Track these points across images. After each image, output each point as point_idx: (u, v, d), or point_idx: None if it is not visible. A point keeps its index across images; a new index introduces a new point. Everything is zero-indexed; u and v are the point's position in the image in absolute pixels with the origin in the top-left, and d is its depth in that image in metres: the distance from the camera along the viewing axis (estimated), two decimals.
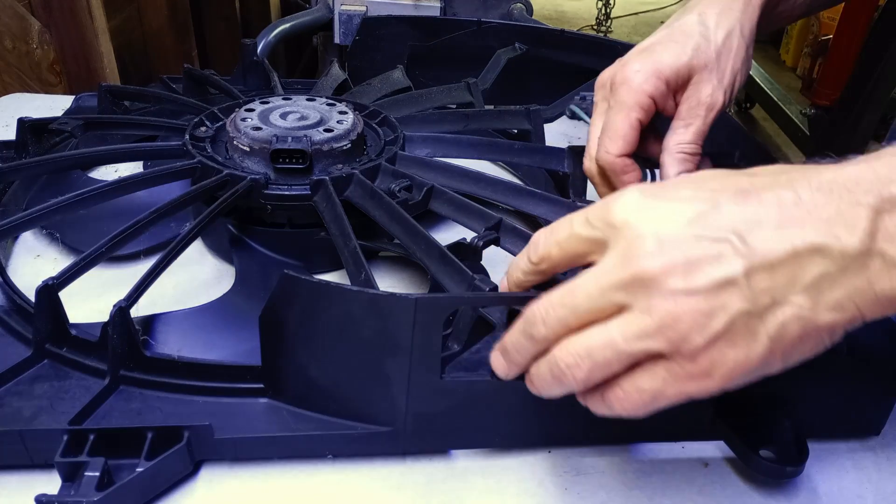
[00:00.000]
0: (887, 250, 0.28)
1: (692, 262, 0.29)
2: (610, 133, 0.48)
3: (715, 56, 0.48)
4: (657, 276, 0.29)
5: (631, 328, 0.29)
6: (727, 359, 0.29)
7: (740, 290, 0.28)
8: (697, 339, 0.29)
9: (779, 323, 0.29)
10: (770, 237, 0.29)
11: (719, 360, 0.29)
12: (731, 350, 0.29)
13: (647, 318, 0.29)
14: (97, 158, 0.66)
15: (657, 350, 0.29)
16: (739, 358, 0.29)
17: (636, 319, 0.29)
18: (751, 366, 0.29)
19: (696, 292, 0.29)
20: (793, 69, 3.38)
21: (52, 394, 0.41)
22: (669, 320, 0.29)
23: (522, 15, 1.24)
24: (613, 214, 0.31)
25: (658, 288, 0.29)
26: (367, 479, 0.41)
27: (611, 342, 0.30)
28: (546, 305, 0.32)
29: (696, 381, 0.30)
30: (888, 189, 0.28)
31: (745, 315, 0.29)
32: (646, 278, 0.29)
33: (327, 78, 0.80)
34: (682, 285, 0.29)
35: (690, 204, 0.30)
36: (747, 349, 0.29)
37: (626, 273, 0.30)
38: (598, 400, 0.32)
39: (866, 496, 0.42)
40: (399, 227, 0.50)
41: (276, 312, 0.39)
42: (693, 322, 0.29)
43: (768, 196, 0.30)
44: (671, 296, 0.29)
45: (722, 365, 0.29)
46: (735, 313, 0.29)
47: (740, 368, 0.29)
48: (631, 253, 0.30)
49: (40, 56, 1.07)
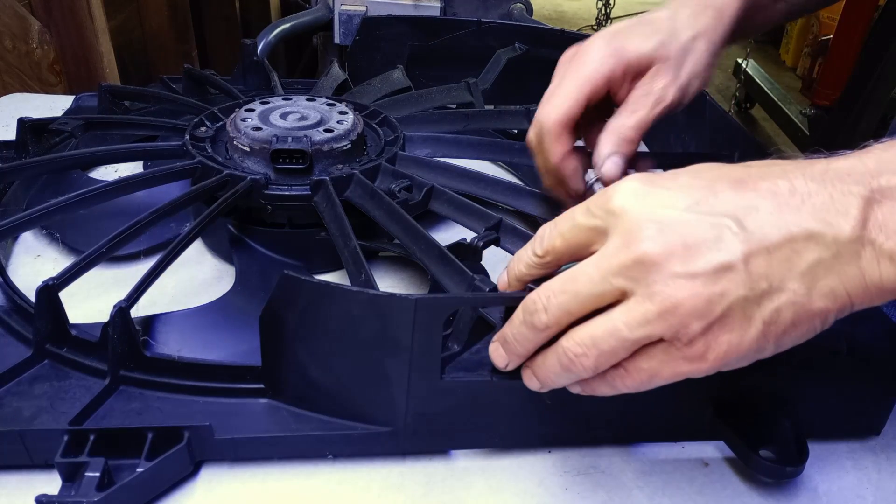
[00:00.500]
0: (877, 239, 0.29)
1: (692, 245, 0.29)
2: (553, 99, 0.48)
3: (677, 53, 0.48)
4: (657, 260, 0.29)
5: (634, 315, 0.30)
6: (721, 342, 0.30)
7: (739, 275, 0.29)
8: (695, 326, 0.29)
9: (773, 308, 0.29)
10: (767, 222, 0.29)
11: (714, 344, 0.30)
12: (726, 335, 0.30)
13: (649, 304, 0.30)
14: (97, 158, 0.67)
15: (658, 335, 0.30)
16: (733, 342, 0.30)
17: (638, 306, 0.30)
18: (744, 349, 0.30)
19: (696, 276, 0.29)
20: (793, 69, 3.38)
21: (53, 394, 0.41)
22: (670, 306, 0.29)
23: (522, 15, 1.24)
24: (613, 202, 0.32)
25: (659, 272, 0.29)
26: (366, 479, 0.41)
27: (615, 331, 0.30)
28: (547, 293, 0.32)
29: (691, 363, 0.30)
30: (877, 180, 0.29)
31: (743, 300, 0.29)
32: (646, 262, 0.30)
33: (327, 78, 0.80)
34: (682, 269, 0.29)
35: (688, 191, 0.31)
36: (742, 333, 0.30)
37: (627, 257, 0.30)
38: (601, 380, 0.33)
39: (866, 496, 0.42)
40: (399, 228, 0.50)
41: (276, 313, 0.39)
42: (693, 308, 0.29)
43: (764, 184, 0.30)
44: (671, 280, 0.29)
45: (716, 348, 0.30)
46: (733, 300, 0.29)
47: (734, 352, 0.30)
48: (631, 238, 0.30)
49: (40, 56, 1.07)
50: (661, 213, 0.30)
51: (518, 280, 0.36)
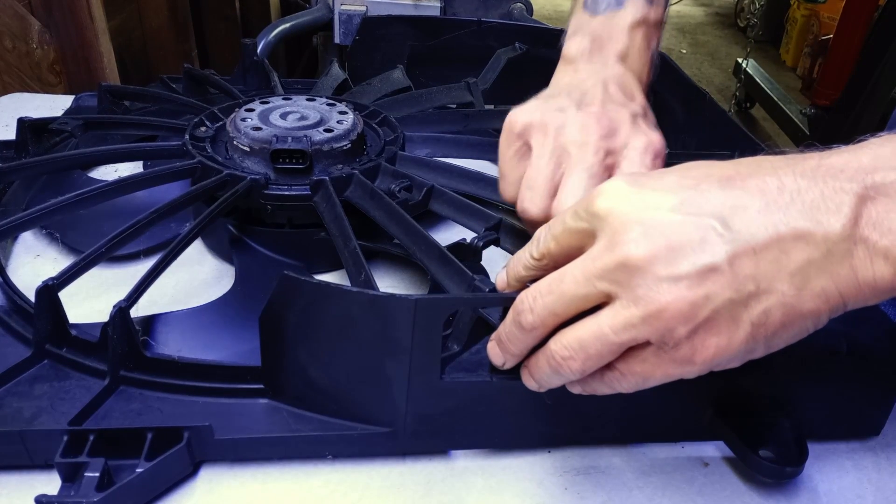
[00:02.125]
0: (870, 237, 0.28)
1: (675, 247, 0.29)
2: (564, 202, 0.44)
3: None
4: (641, 263, 0.29)
5: (618, 319, 0.30)
6: (708, 345, 0.30)
7: (724, 277, 0.29)
8: (681, 330, 0.29)
9: (762, 310, 0.29)
10: (753, 221, 0.29)
11: (701, 347, 0.30)
12: (713, 338, 0.29)
13: (634, 308, 0.29)
14: (97, 158, 0.66)
15: (644, 338, 0.30)
16: (721, 344, 0.30)
17: (623, 310, 0.30)
18: (732, 351, 0.30)
19: (679, 279, 0.29)
20: (793, 69, 3.38)
21: (52, 394, 0.41)
22: (654, 310, 0.29)
23: (522, 15, 1.23)
24: (598, 204, 0.31)
25: (643, 275, 0.29)
26: (366, 479, 0.41)
27: (601, 334, 0.30)
28: (534, 293, 0.32)
29: (679, 365, 0.30)
30: (871, 177, 0.28)
31: (729, 303, 0.29)
32: (630, 265, 0.29)
33: (327, 78, 0.80)
34: (666, 272, 0.29)
35: (675, 190, 0.31)
36: (729, 336, 0.29)
37: (612, 260, 0.30)
38: (598, 380, 0.33)
39: (866, 496, 0.42)
40: (399, 228, 0.50)
41: (276, 313, 0.39)
42: (678, 312, 0.29)
43: (752, 182, 0.30)
44: (655, 284, 0.29)
45: (703, 351, 0.30)
46: (719, 303, 0.29)
47: (722, 354, 0.30)
48: (616, 240, 0.30)
49: (40, 56, 1.07)
50: (645, 215, 0.30)
51: (517, 280, 0.36)
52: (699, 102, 0.72)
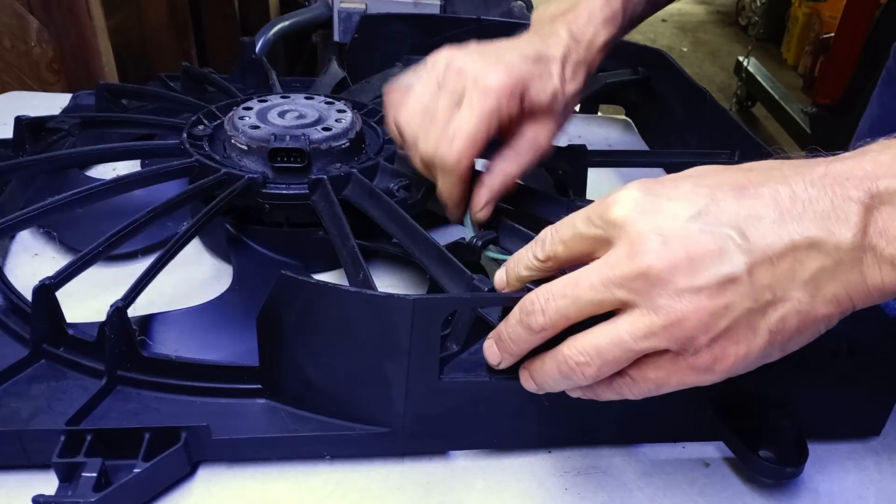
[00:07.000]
0: (878, 245, 0.29)
1: (695, 258, 0.29)
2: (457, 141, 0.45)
3: (562, 107, 0.49)
4: (662, 274, 0.29)
5: (639, 327, 0.30)
6: (728, 353, 0.30)
7: (743, 286, 0.29)
8: (702, 339, 0.30)
9: (779, 317, 0.30)
10: (769, 231, 0.30)
11: (721, 356, 0.30)
12: (732, 346, 0.30)
13: (655, 316, 0.30)
14: (95, 157, 0.66)
15: (664, 347, 0.30)
16: (740, 353, 0.30)
17: (643, 318, 0.30)
18: (751, 359, 0.31)
19: (700, 290, 0.29)
20: (794, 67, 3.37)
21: (50, 394, 0.41)
22: (675, 320, 0.29)
23: (522, 13, 1.23)
24: (614, 212, 0.32)
25: (664, 286, 0.29)
26: (365, 479, 0.41)
27: (620, 341, 0.31)
28: (546, 295, 0.32)
29: (698, 373, 0.31)
30: (875, 184, 0.29)
31: (748, 312, 0.30)
32: (651, 275, 0.30)
33: (326, 76, 0.80)
34: (687, 283, 0.29)
35: (691, 199, 0.31)
36: (748, 344, 0.30)
37: (631, 269, 0.30)
38: (605, 386, 0.33)
39: (867, 497, 0.42)
40: (397, 227, 0.50)
41: (274, 313, 0.39)
42: (698, 322, 0.29)
43: (764, 191, 0.30)
44: (676, 295, 0.29)
45: (724, 360, 0.30)
46: (738, 313, 0.29)
47: (741, 362, 0.31)
48: (635, 250, 0.30)
49: (39, 55, 1.07)
50: (664, 225, 0.30)
51: (519, 281, 0.36)
52: (700, 101, 0.71)
